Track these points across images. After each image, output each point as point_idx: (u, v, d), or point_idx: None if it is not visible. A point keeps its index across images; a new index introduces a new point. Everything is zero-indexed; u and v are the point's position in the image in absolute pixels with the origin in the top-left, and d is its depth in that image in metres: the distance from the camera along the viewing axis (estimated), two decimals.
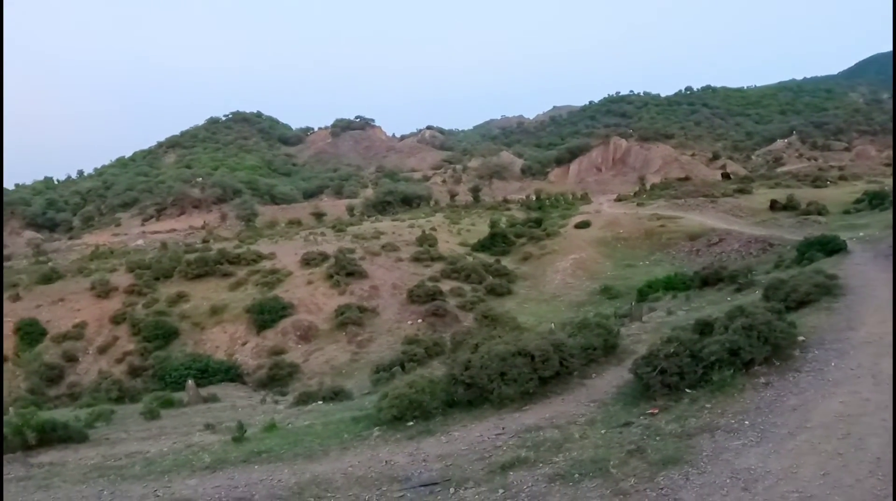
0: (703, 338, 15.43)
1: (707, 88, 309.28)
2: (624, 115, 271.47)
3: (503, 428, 14.69)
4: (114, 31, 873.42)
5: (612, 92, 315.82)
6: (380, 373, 32.89)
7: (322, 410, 23.48)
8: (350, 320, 50.74)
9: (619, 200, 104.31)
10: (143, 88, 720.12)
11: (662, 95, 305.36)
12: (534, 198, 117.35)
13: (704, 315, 19.42)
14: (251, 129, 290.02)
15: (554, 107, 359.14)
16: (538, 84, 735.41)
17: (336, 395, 27.14)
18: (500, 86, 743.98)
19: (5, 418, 24.97)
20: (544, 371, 16.75)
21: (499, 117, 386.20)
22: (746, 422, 12.16)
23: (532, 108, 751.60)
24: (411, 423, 16.23)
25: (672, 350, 14.79)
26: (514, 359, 16.58)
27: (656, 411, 13.71)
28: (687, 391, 14.25)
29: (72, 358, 54.06)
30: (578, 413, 14.98)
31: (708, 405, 13.27)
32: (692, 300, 34.28)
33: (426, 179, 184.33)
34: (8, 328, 58.58)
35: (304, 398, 27.06)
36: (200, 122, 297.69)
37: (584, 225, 76.97)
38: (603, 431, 13.18)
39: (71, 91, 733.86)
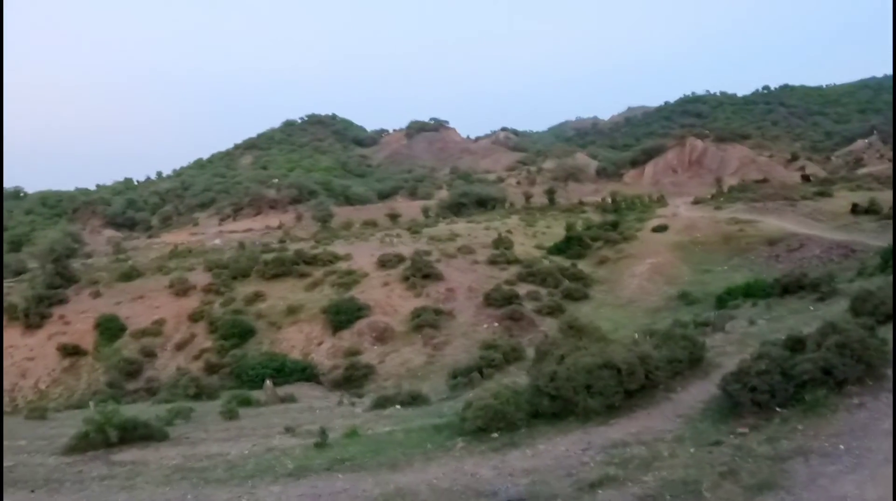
0: (794, 355, 14.95)
1: (784, 87, 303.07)
2: (699, 115, 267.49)
3: (589, 443, 14.45)
4: (192, 38, 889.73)
5: (688, 92, 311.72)
6: (457, 378, 32.65)
7: (401, 415, 23.41)
8: (426, 322, 50.69)
9: (695, 202, 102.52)
10: (221, 92, 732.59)
11: (739, 94, 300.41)
12: (609, 200, 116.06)
13: (789, 327, 18.91)
14: (326, 131, 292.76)
15: (628, 107, 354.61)
16: (613, 84, 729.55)
17: (414, 399, 26.99)
18: (574, 86, 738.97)
19: (87, 414, 25.37)
20: (630, 384, 16.47)
21: (573, 118, 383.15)
22: (841, 446, 11.76)
23: (606, 108, 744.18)
24: (496, 434, 16.05)
25: (763, 367, 14.36)
26: (600, 372, 16.33)
27: (746, 430, 13.35)
28: (777, 410, 13.84)
29: (150, 354, 55.22)
30: (665, 429, 14.66)
31: (800, 427, 12.87)
32: (773, 309, 33.43)
33: (500, 180, 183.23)
34: (88, 323, 60.30)
35: (382, 402, 26.98)
36: (276, 124, 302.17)
37: (661, 229, 75.91)
38: (692, 449, 12.85)
39: (150, 96, 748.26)
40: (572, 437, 15.13)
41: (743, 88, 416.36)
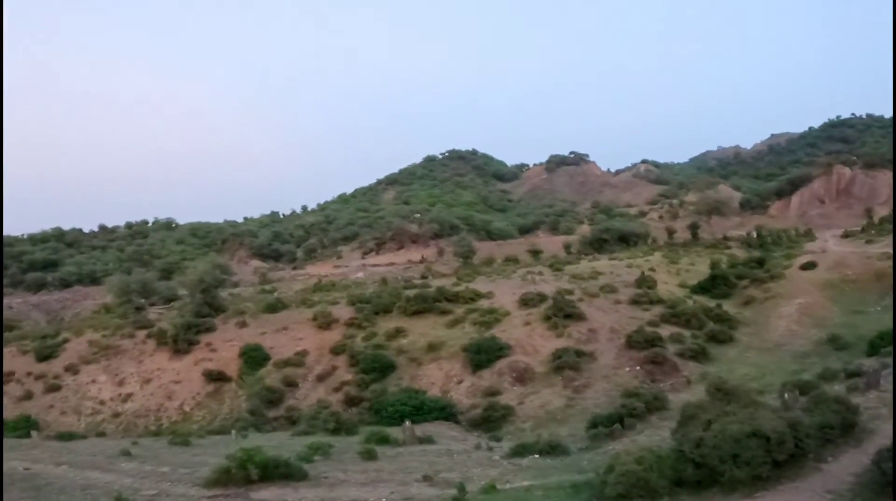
0: None
1: None
2: (846, 140, 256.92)
3: None
4: (335, 76, 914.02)
5: (833, 116, 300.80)
6: (598, 428, 31.62)
7: (539, 467, 22.71)
8: (567, 364, 49.57)
9: (845, 236, 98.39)
10: (362, 127, 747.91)
11: (886, 116, 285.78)
12: (755, 235, 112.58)
13: None
14: (467, 166, 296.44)
15: (771, 135, 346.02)
16: (754, 111, 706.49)
17: (552, 449, 26.24)
18: (715, 114, 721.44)
19: (229, 448, 25.59)
20: (779, 454, 15.47)
21: (714, 148, 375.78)
22: None
23: (749, 136, 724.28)
24: None
25: None
26: (748, 440, 15.41)
27: None
28: None
29: (291, 383, 56.18)
30: None
31: None
32: None
33: (642, 214, 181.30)
34: (234, 351, 62.28)
35: (520, 450, 26.35)
36: (417, 160, 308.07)
37: (809, 266, 72.70)
38: None
39: (294, 132, 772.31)
40: None
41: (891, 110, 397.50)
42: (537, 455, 25.61)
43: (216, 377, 58.79)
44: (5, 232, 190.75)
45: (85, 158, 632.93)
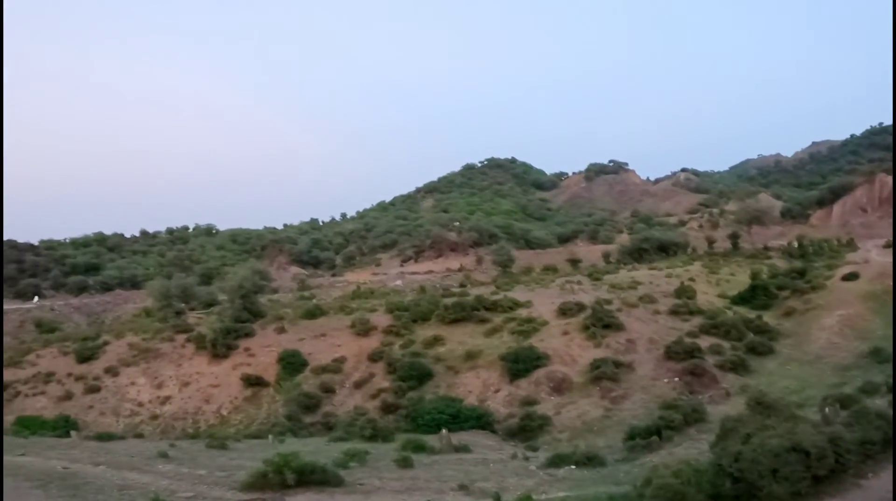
0: None
1: None
2: (888, 148, 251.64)
3: None
4: (374, 85, 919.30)
5: (874, 123, 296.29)
6: (635, 439, 31.35)
7: (575, 478, 22.53)
8: (605, 374, 49.15)
9: (887, 246, 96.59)
10: (401, 135, 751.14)
11: None
12: (796, 245, 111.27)
13: None
14: (506, 174, 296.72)
15: (812, 142, 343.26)
16: (795, 118, 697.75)
17: (589, 460, 26.03)
18: (756, 122, 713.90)
19: (266, 452, 25.71)
20: (819, 470, 15.22)
21: (755, 156, 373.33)
22: None
23: (790, 144, 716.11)
24: None
25: None
26: (787, 455, 15.13)
27: None
28: None
29: (329, 390, 56.31)
30: None
31: None
32: None
33: (682, 223, 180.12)
34: (272, 356, 62.66)
35: (557, 460, 26.18)
36: (456, 168, 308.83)
37: (851, 277, 71.23)
38: None
39: (331, 141, 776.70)
40: None
41: None
42: (574, 466, 25.43)
43: (254, 382, 59.20)
44: (49, 236, 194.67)
45: (128, 165, 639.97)
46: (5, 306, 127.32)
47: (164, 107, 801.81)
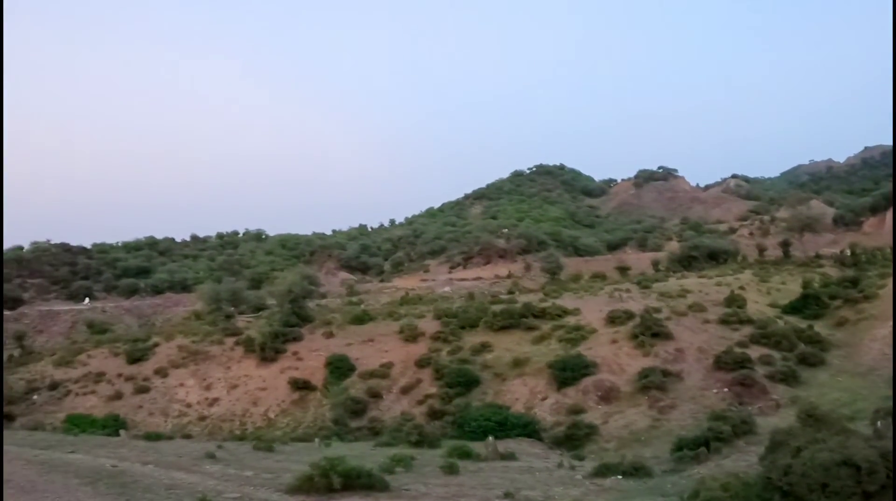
0: None
1: None
2: None
3: None
4: (424, 92, 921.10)
5: None
6: (683, 450, 30.97)
7: (622, 488, 22.32)
8: (653, 384, 48.60)
9: None
10: (450, 141, 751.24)
11: None
12: (848, 253, 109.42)
13: None
14: (554, 181, 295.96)
15: (865, 147, 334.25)
16: (847, 123, 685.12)
17: (636, 470, 25.77)
18: (807, 127, 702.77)
19: (313, 455, 25.81)
20: (869, 485, 14.78)
21: (806, 162, 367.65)
22: None
23: (842, 149, 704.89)
24: None
25: None
26: (837, 469, 14.76)
27: None
28: None
29: (376, 395, 56.47)
30: None
31: None
32: None
33: (732, 231, 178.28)
34: (319, 361, 63.07)
35: (603, 470, 25.92)
36: (504, 175, 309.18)
37: None
38: None
39: (380, 148, 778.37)
40: None
41: None
42: (620, 476, 25.19)
43: (301, 386, 59.62)
44: (102, 240, 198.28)
45: (181, 170, 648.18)
46: (58, 307, 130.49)
47: (219, 113, 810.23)
